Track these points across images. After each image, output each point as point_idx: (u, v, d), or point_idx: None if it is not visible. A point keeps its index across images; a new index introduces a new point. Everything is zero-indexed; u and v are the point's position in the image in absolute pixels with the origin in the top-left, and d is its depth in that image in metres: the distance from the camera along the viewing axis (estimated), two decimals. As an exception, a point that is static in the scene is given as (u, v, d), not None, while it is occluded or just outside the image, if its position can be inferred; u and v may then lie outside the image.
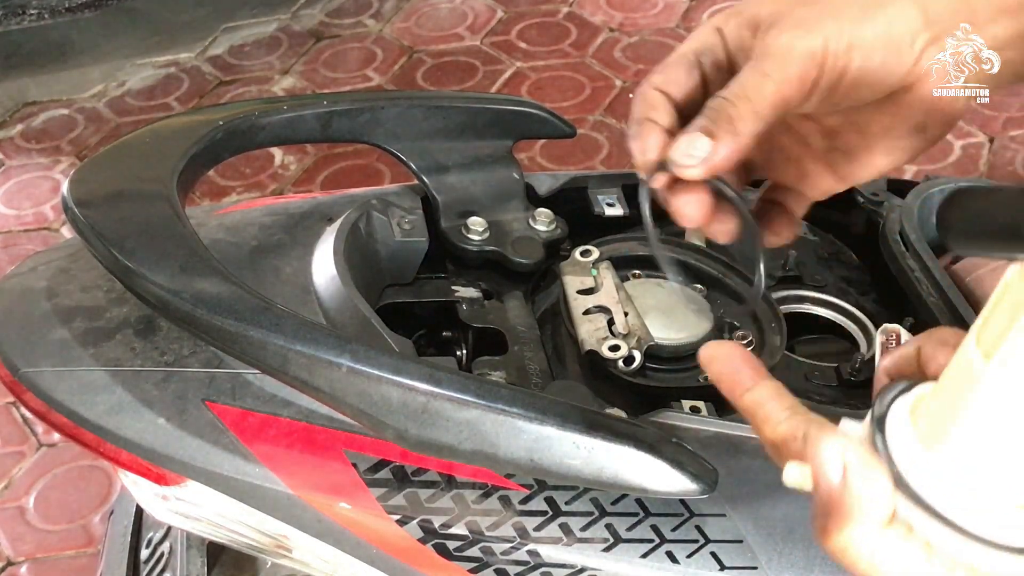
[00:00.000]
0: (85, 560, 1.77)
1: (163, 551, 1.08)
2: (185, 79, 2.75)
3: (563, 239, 1.00)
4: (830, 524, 0.50)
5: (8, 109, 2.72)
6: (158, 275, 0.73)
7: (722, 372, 0.57)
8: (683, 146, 0.61)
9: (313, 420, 0.79)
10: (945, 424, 0.48)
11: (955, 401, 0.48)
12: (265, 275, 0.89)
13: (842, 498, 0.49)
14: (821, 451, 0.50)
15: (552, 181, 1.05)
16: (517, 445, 0.69)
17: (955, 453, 0.48)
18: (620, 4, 2.85)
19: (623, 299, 0.90)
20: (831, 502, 0.50)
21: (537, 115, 1.02)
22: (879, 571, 0.49)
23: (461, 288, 0.96)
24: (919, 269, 0.95)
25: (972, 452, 0.48)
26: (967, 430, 0.47)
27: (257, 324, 0.70)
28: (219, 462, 0.79)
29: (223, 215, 0.99)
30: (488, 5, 2.89)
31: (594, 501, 0.76)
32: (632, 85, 2.58)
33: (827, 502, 0.50)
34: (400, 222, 0.97)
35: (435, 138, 0.99)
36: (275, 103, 0.95)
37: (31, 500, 1.87)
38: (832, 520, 0.50)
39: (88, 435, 0.82)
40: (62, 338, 0.85)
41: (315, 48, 2.82)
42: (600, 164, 2.38)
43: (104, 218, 0.78)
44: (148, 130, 0.91)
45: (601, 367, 0.86)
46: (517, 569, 0.77)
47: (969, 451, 0.48)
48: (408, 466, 0.78)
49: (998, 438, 0.47)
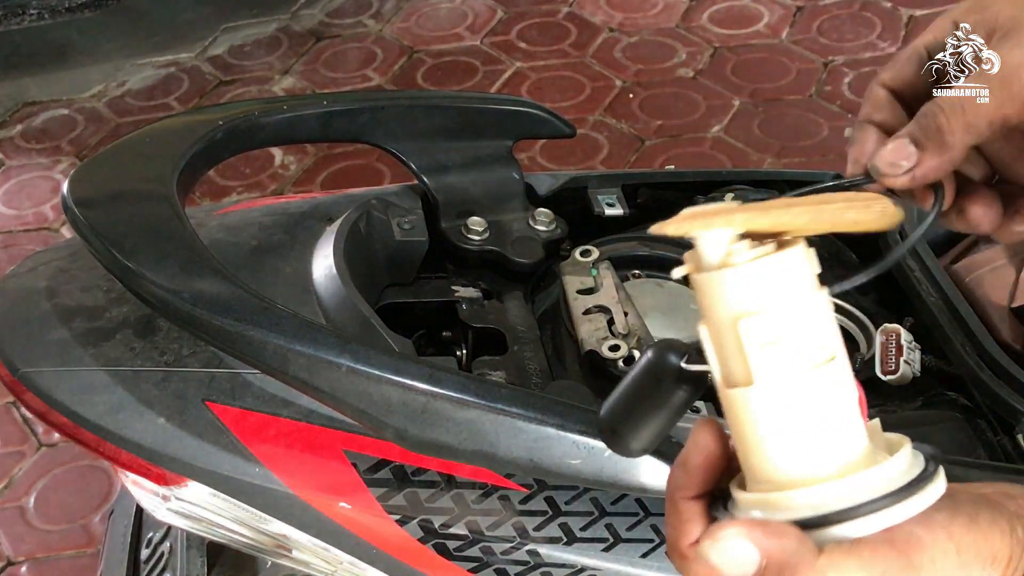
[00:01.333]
0: (85, 560, 1.77)
1: (163, 551, 1.07)
2: (185, 79, 2.75)
3: (563, 239, 1.00)
4: None
5: (8, 109, 2.72)
6: (158, 275, 0.74)
7: (689, 459, 0.55)
8: (888, 155, 0.57)
9: (313, 420, 0.79)
10: (751, 463, 0.51)
11: (746, 438, 0.51)
12: (265, 275, 0.89)
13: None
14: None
15: (552, 181, 1.05)
16: (517, 445, 0.69)
17: (767, 477, 0.51)
18: (620, 4, 2.85)
19: (623, 299, 0.90)
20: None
21: (537, 115, 1.02)
22: None
23: (461, 288, 0.96)
24: (919, 269, 0.95)
25: (779, 467, 0.51)
26: (769, 450, 0.51)
27: (257, 324, 0.70)
28: (219, 462, 0.79)
29: (223, 215, 0.99)
30: (488, 5, 2.90)
31: (594, 501, 0.76)
32: (632, 85, 2.59)
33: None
34: (400, 222, 0.97)
35: (435, 138, 0.99)
36: (275, 103, 0.95)
37: (31, 500, 1.87)
38: None
39: (88, 435, 0.82)
40: (62, 338, 0.85)
41: (315, 48, 2.82)
42: (600, 164, 2.38)
43: (104, 218, 0.78)
44: (148, 130, 0.91)
45: (601, 367, 0.86)
46: (517, 569, 0.77)
47: (776, 468, 0.51)
48: (408, 466, 0.78)
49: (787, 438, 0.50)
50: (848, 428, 0.51)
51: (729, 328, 0.50)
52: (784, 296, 0.50)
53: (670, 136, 2.44)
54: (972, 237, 1.04)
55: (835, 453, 0.51)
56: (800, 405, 0.50)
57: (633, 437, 0.55)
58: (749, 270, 0.50)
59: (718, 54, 2.64)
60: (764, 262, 0.50)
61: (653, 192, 1.07)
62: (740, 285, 0.50)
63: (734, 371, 0.51)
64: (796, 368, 0.50)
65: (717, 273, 0.51)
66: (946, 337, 0.90)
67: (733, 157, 2.32)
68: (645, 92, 2.57)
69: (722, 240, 0.51)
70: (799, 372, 0.50)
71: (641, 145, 2.44)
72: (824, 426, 0.50)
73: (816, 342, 0.50)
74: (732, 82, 2.53)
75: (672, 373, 0.54)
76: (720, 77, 2.57)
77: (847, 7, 2.73)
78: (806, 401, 0.50)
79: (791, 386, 0.50)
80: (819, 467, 0.50)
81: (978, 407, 0.87)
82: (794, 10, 2.74)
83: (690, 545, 0.52)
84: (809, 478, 0.50)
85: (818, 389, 0.50)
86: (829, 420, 0.50)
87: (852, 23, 2.69)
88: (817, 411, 0.50)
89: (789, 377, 0.50)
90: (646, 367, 0.55)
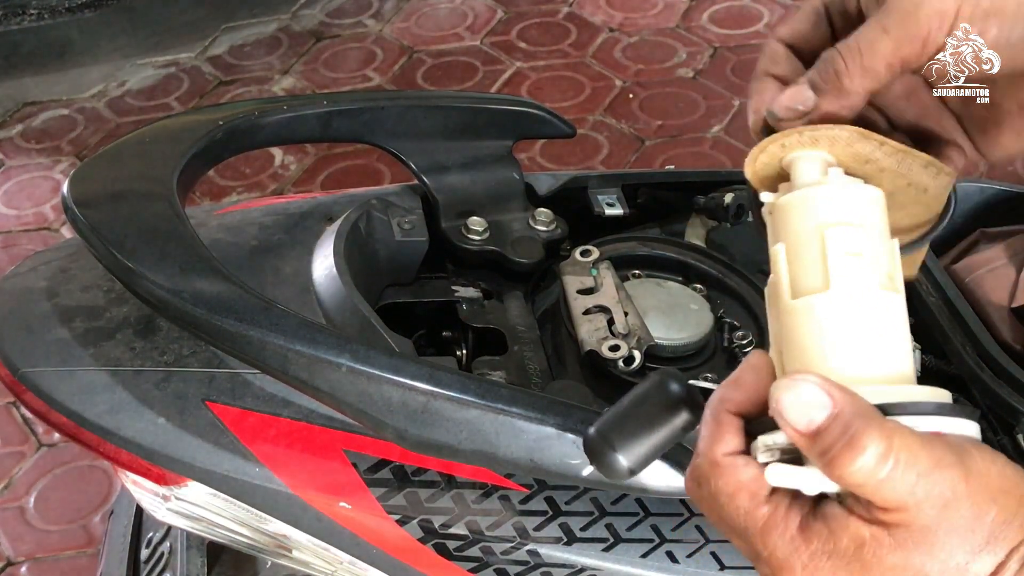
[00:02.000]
0: (85, 560, 1.77)
1: (163, 551, 1.07)
2: (185, 79, 2.75)
3: (563, 239, 1.00)
4: (835, 459, 0.49)
5: (8, 109, 2.71)
6: (158, 275, 0.74)
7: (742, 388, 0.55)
8: (786, 99, 0.58)
9: (313, 420, 0.79)
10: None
11: (806, 347, 0.54)
12: (265, 275, 0.89)
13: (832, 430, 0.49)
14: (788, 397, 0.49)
15: (552, 181, 1.05)
16: (517, 445, 0.69)
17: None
18: (620, 4, 2.85)
19: (623, 299, 0.90)
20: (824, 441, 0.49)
21: (537, 115, 1.02)
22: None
23: (461, 288, 0.96)
24: (919, 269, 0.95)
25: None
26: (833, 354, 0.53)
27: (257, 324, 0.70)
28: (219, 462, 0.79)
29: (223, 215, 0.99)
30: (488, 5, 2.89)
31: (594, 501, 0.76)
32: (632, 85, 2.59)
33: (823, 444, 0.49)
34: (400, 222, 0.97)
35: (435, 138, 0.99)
36: (275, 103, 0.95)
37: (31, 500, 1.87)
38: (836, 453, 0.49)
39: (88, 435, 0.82)
40: (62, 338, 0.85)
41: (315, 48, 2.82)
42: (600, 164, 2.38)
43: (104, 218, 0.78)
44: (148, 130, 0.91)
45: (601, 367, 0.86)
46: (517, 569, 0.77)
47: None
48: (408, 466, 0.78)
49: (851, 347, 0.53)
50: (903, 351, 0.54)
51: (815, 238, 0.54)
52: (870, 220, 0.54)
53: (670, 136, 2.44)
54: (972, 237, 1.04)
55: (890, 367, 0.53)
56: (866, 316, 0.53)
57: (627, 452, 0.56)
58: (846, 189, 0.55)
59: (718, 54, 2.64)
60: (859, 188, 0.55)
61: (653, 192, 1.07)
62: (836, 200, 0.54)
63: (809, 280, 0.54)
64: (868, 282, 0.53)
65: (815, 188, 0.55)
66: (946, 337, 0.90)
67: (733, 157, 2.32)
68: (645, 92, 2.57)
69: (820, 162, 0.56)
70: (870, 286, 0.53)
71: (641, 145, 2.44)
72: (883, 341, 0.53)
73: (887, 271, 0.54)
74: (732, 82, 2.54)
75: (679, 395, 0.57)
76: (720, 77, 2.57)
77: (847, 7, 2.73)
78: (871, 314, 0.53)
79: (862, 296, 0.53)
80: (876, 376, 0.53)
81: (978, 407, 0.87)
82: (794, 11, 2.74)
83: (725, 454, 0.53)
84: (866, 381, 0.52)
85: (883, 307, 0.53)
86: (888, 337, 0.53)
87: (852, 23, 2.68)
88: (879, 326, 0.53)
89: (862, 288, 0.53)
90: (654, 387, 0.57)
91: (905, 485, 0.49)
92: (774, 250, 0.55)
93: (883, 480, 0.49)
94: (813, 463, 0.50)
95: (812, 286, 0.54)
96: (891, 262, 0.55)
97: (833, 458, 0.49)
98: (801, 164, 0.57)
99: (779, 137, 0.57)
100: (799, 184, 0.56)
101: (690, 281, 0.97)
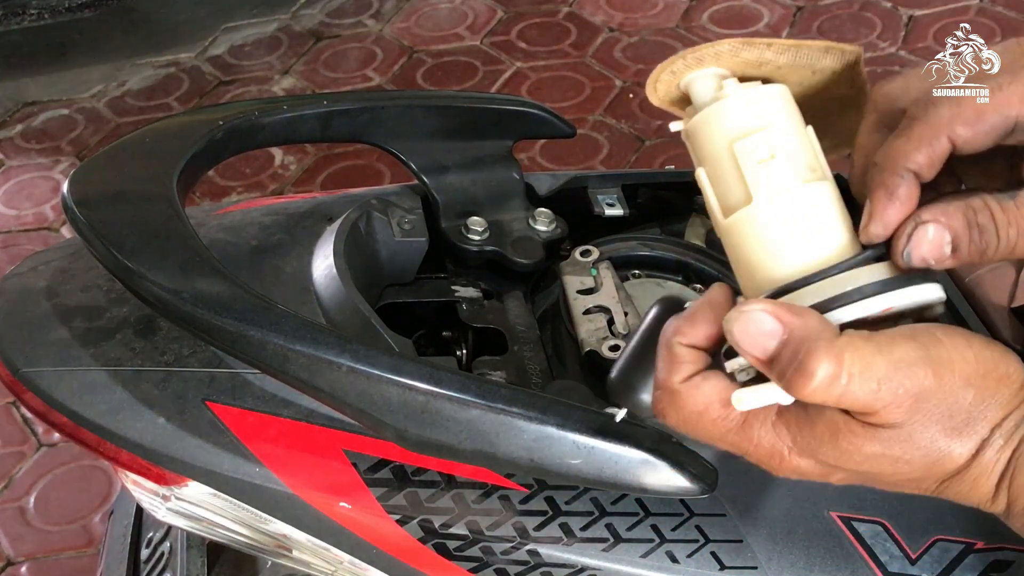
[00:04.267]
0: (85, 560, 1.77)
1: (163, 551, 1.07)
2: (185, 79, 2.75)
3: (563, 239, 1.00)
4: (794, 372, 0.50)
5: (8, 109, 2.71)
6: (158, 275, 0.73)
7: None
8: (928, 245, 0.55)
9: (313, 420, 0.79)
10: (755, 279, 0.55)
11: (748, 258, 0.55)
12: (265, 275, 0.89)
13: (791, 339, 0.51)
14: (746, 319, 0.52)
15: (552, 181, 1.05)
16: (517, 445, 0.69)
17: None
18: (620, 4, 2.85)
19: (623, 299, 0.90)
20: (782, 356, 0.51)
21: (537, 115, 1.01)
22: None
23: (461, 288, 0.96)
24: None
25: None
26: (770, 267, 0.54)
27: (257, 324, 0.70)
28: (219, 462, 0.79)
29: (223, 215, 0.99)
30: (488, 5, 2.89)
31: (594, 501, 0.76)
32: (632, 85, 2.58)
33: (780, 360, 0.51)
34: (400, 222, 0.97)
35: (435, 138, 0.99)
36: (275, 103, 0.95)
37: (31, 500, 1.87)
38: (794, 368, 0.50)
39: (88, 435, 0.82)
40: (62, 338, 0.85)
41: (315, 48, 2.82)
42: (600, 164, 2.38)
43: (104, 218, 0.78)
44: (148, 130, 0.91)
45: (601, 367, 0.86)
46: (517, 569, 0.77)
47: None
48: (408, 466, 0.78)
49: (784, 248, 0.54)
50: (842, 235, 0.54)
51: (726, 155, 0.55)
52: (774, 119, 0.55)
53: (670, 136, 2.44)
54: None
55: (832, 256, 0.54)
56: (795, 213, 0.53)
57: (648, 390, 0.57)
58: (741, 98, 0.55)
59: (718, 54, 2.64)
60: (754, 92, 0.56)
61: (653, 192, 1.07)
62: (733, 112, 0.55)
63: (733, 196, 0.55)
64: (788, 183, 0.54)
65: (712, 106, 0.56)
66: (946, 337, 0.90)
67: (733, 157, 2.31)
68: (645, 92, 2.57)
69: (713, 78, 0.57)
70: (791, 186, 0.54)
71: (641, 145, 2.44)
72: (820, 234, 0.54)
73: (806, 163, 0.54)
74: (732, 82, 2.53)
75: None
76: (720, 77, 2.56)
77: (847, 7, 2.73)
78: (800, 210, 0.54)
79: (785, 197, 0.54)
80: (820, 267, 0.53)
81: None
82: (794, 10, 2.74)
83: (680, 381, 0.55)
84: (812, 275, 0.53)
85: (810, 201, 0.54)
86: (824, 227, 0.54)
87: (852, 23, 2.69)
88: (812, 221, 0.54)
89: (783, 189, 0.54)
90: (656, 321, 0.58)
91: (866, 393, 0.51)
92: (697, 174, 0.57)
93: (842, 395, 0.50)
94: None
95: (736, 202, 0.55)
96: (810, 152, 0.55)
97: (789, 381, 0.51)
98: (696, 85, 0.58)
99: (667, 64, 0.59)
100: (699, 105, 0.57)
101: (690, 281, 0.97)
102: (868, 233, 0.54)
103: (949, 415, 0.51)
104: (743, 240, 0.54)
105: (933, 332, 0.52)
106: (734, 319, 0.52)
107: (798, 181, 0.54)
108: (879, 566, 0.73)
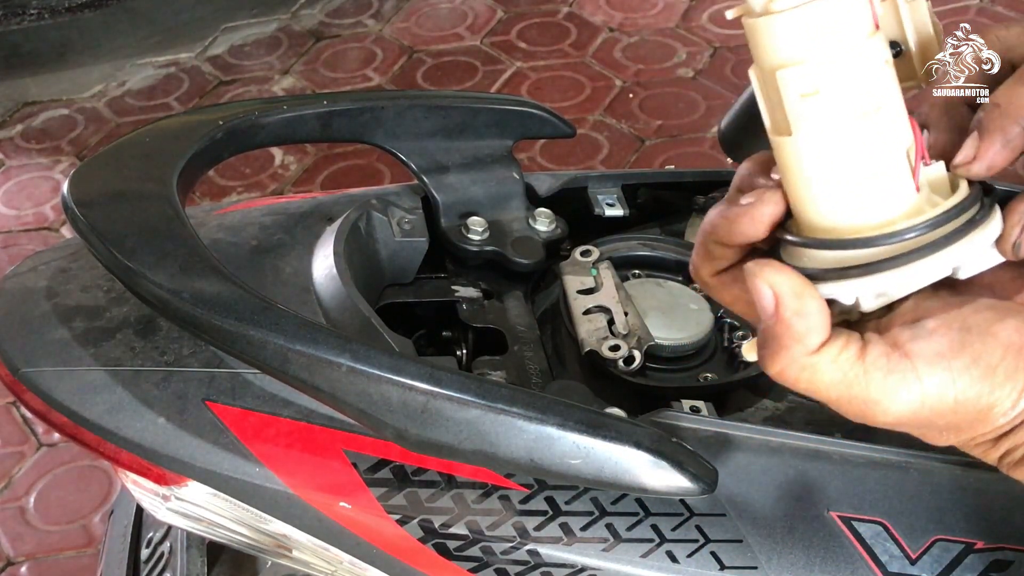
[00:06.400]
0: (85, 560, 1.77)
1: (163, 551, 1.07)
2: (185, 79, 2.75)
3: (563, 239, 1.00)
4: (767, 352, 0.53)
5: (8, 109, 2.71)
6: (158, 275, 0.73)
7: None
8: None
9: (313, 420, 0.79)
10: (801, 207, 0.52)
11: (791, 185, 0.51)
12: (265, 275, 0.89)
13: (775, 328, 0.52)
14: (755, 284, 0.52)
15: (552, 181, 1.05)
16: (517, 445, 0.69)
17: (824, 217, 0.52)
18: (620, 4, 2.85)
19: (623, 299, 0.90)
20: (767, 332, 0.52)
21: (537, 115, 1.02)
22: (816, 388, 0.52)
23: (461, 288, 0.96)
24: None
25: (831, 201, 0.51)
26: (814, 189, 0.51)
27: (257, 324, 0.70)
28: (219, 462, 0.79)
29: (223, 215, 0.99)
30: (488, 5, 2.89)
31: (594, 501, 0.76)
32: (632, 85, 2.59)
33: (764, 332, 0.53)
34: (400, 222, 0.97)
35: (435, 138, 0.99)
36: (275, 103, 0.95)
37: (31, 500, 1.87)
38: (768, 349, 0.52)
39: (88, 435, 0.82)
40: (62, 338, 0.85)
41: (315, 48, 2.82)
42: (600, 164, 2.38)
43: (104, 218, 0.78)
44: (148, 130, 0.91)
45: (601, 367, 0.86)
46: (517, 569, 0.77)
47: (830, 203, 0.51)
48: (408, 466, 0.78)
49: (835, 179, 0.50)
50: (893, 179, 0.50)
51: (769, 76, 0.49)
52: (824, 47, 0.48)
53: (670, 136, 2.44)
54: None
55: (878, 203, 0.50)
56: (840, 156, 0.49)
57: (757, 148, 0.56)
58: (789, 18, 0.48)
59: (718, 54, 2.64)
60: (805, 10, 0.48)
61: (653, 192, 1.07)
62: (780, 34, 0.49)
63: (778, 120, 0.50)
64: (836, 119, 0.49)
65: (759, 20, 0.49)
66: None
67: (733, 157, 2.31)
68: (645, 92, 2.57)
69: None
70: (839, 123, 0.49)
71: (641, 145, 2.44)
72: (866, 177, 0.49)
73: (858, 92, 0.49)
74: (732, 82, 2.54)
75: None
76: (720, 77, 2.57)
77: (847, 7, 2.73)
78: (846, 152, 0.49)
79: (830, 137, 0.49)
80: (860, 217, 0.50)
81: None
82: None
83: (713, 275, 0.58)
84: (848, 228, 0.50)
85: (860, 140, 0.49)
86: (871, 171, 0.49)
87: (852, 23, 2.68)
88: (859, 162, 0.49)
89: (828, 128, 0.49)
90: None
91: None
92: (750, 73, 0.52)
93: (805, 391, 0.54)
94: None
95: (779, 126, 0.50)
96: (863, 79, 0.49)
97: (766, 351, 0.54)
98: None
99: None
100: (750, 10, 0.51)
101: (690, 281, 0.97)
102: (970, 170, 0.53)
103: (978, 396, 0.52)
104: (786, 167, 0.51)
105: (972, 314, 0.53)
106: (751, 271, 0.52)
107: (846, 117, 0.48)
108: (879, 566, 0.73)
